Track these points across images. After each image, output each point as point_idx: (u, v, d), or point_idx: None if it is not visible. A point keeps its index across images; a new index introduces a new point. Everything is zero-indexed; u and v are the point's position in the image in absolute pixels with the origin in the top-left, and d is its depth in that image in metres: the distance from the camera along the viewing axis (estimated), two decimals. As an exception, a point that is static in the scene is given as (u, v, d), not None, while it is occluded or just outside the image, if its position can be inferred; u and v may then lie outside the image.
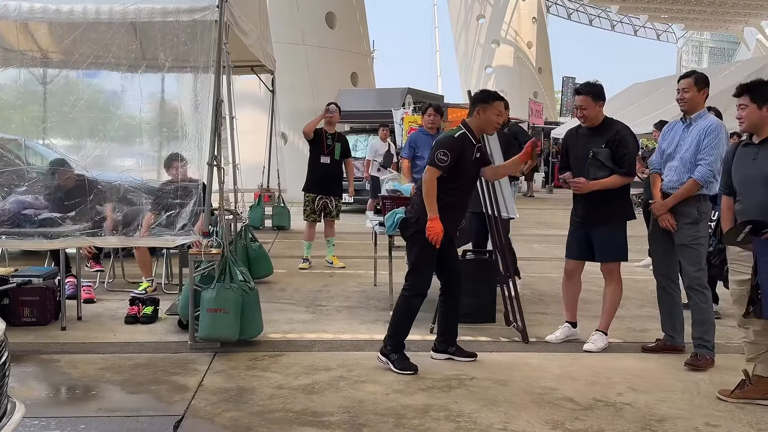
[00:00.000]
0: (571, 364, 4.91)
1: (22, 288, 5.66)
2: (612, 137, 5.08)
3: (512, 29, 44.47)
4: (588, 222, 5.18)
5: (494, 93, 4.91)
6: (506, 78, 42.82)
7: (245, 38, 7.48)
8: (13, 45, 7.25)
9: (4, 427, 2.84)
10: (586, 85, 5.22)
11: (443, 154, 4.64)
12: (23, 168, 5.98)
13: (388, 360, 4.70)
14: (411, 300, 4.78)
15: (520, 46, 44.52)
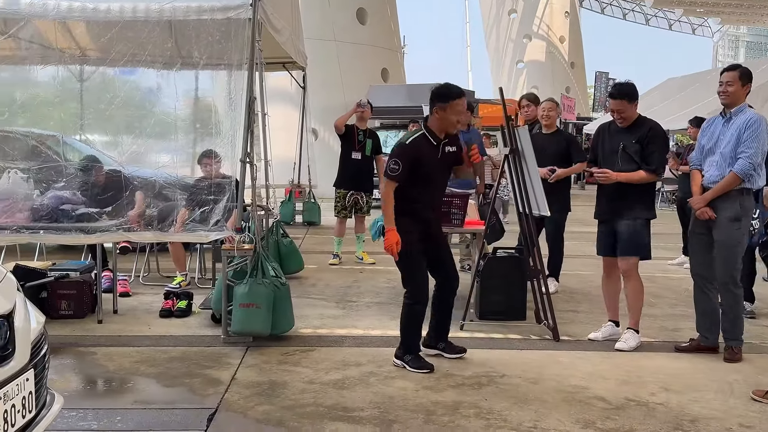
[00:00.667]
0: (602, 362, 4.88)
1: (60, 282, 5.78)
2: (643, 134, 5.06)
3: (544, 24, 44.10)
4: (612, 216, 5.16)
5: (455, 90, 4.61)
6: (538, 73, 42.52)
7: (277, 35, 7.54)
8: (52, 43, 7.39)
9: (44, 418, 2.92)
10: (620, 88, 5.17)
11: (394, 163, 4.53)
12: (61, 164, 6.11)
13: (402, 361, 4.69)
14: (412, 308, 4.71)
15: (552, 41, 44.14)
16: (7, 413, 2.57)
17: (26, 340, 2.82)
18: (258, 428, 3.71)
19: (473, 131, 8.05)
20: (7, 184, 5.67)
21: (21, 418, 2.68)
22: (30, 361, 2.80)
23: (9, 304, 2.77)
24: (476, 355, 5.00)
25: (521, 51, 44.14)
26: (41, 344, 3.02)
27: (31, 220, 5.67)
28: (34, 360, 2.85)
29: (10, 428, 2.59)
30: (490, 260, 5.99)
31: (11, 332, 2.69)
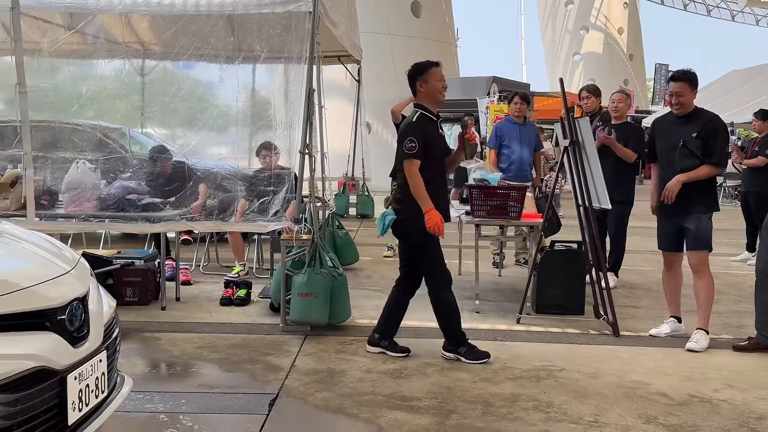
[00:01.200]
0: (664, 358, 4.79)
1: (126, 269, 5.96)
2: (703, 126, 4.94)
3: (602, 15, 43.28)
4: (675, 211, 5.04)
5: (426, 61, 4.70)
6: (595, 65, 41.78)
7: (334, 29, 7.60)
8: (117, 37, 7.61)
9: (115, 399, 3.02)
10: (683, 72, 5.06)
11: (410, 141, 4.49)
12: (127, 155, 6.29)
13: (457, 353, 4.67)
14: (446, 295, 4.69)
15: (610, 32, 43.31)
16: (82, 392, 2.67)
17: (99, 323, 2.92)
18: (318, 414, 3.77)
19: (529, 124, 7.96)
20: (75, 174, 5.86)
21: (94, 398, 2.78)
22: (103, 343, 2.90)
23: (83, 288, 2.87)
24: (534, 349, 4.98)
25: (578, 43, 43.43)
26: (113, 327, 3.13)
27: (98, 209, 5.85)
28: (106, 342, 2.95)
29: (84, 407, 2.69)
30: (547, 253, 5.94)
31: (86, 314, 2.79)
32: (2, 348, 2.38)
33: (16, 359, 2.39)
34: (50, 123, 6.41)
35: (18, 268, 2.73)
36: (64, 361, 2.57)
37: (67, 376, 2.57)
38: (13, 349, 2.41)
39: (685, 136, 4.97)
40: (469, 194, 6.06)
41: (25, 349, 2.45)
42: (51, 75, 7.22)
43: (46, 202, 5.88)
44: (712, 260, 5.33)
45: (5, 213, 5.55)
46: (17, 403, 2.34)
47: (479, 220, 5.96)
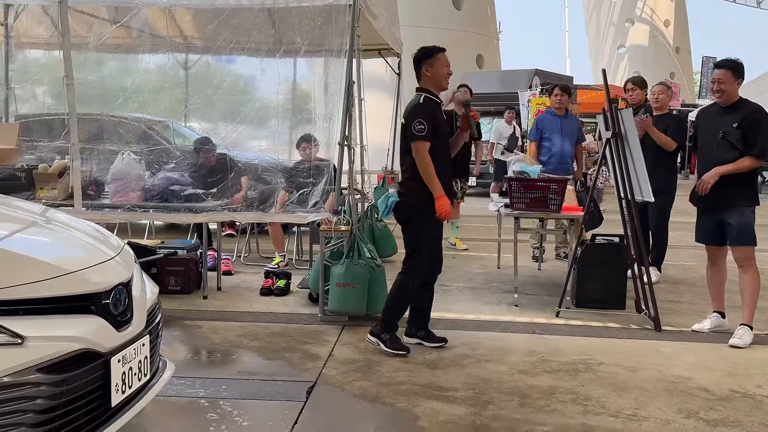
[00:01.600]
0: (706, 354, 4.72)
1: (169, 259, 6.08)
2: (745, 117, 4.83)
3: (648, 7, 42.54)
4: (716, 205, 4.95)
5: (433, 46, 4.67)
6: (640, 58, 41.09)
7: (375, 22, 7.60)
8: (161, 31, 7.76)
9: (157, 383, 3.09)
10: (727, 60, 4.96)
11: (419, 123, 4.43)
12: (171, 147, 6.41)
13: (378, 339, 4.60)
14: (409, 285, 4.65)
15: (656, 25, 42.56)
16: (125, 375, 2.74)
17: (142, 308, 2.99)
18: (355, 402, 3.80)
19: (571, 116, 7.87)
20: (120, 165, 5.99)
21: (137, 381, 2.85)
22: (146, 328, 2.97)
23: (128, 274, 2.95)
24: (573, 342, 4.94)
25: (623, 35, 42.79)
26: (156, 313, 3.20)
27: (142, 200, 5.98)
28: (149, 327, 3.02)
29: (127, 389, 2.76)
30: (588, 247, 5.88)
31: (129, 299, 2.86)
32: (50, 330, 2.46)
33: (63, 341, 2.47)
34: (97, 116, 6.56)
35: (66, 254, 2.82)
36: (108, 344, 2.65)
37: (111, 359, 2.65)
38: (60, 331, 2.49)
39: (726, 126, 4.88)
40: (508, 187, 6.02)
41: (71, 331, 2.53)
42: (97, 68, 7.40)
43: (93, 193, 6.03)
44: (759, 255, 5.22)
45: (53, 202, 5.70)
46: (63, 384, 2.42)
47: (518, 212, 5.92)
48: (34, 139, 7.07)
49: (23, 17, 7.65)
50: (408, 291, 4.67)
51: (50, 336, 2.44)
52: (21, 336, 2.34)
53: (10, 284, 2.42)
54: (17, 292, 2.42)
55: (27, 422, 2.32)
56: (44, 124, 7.31)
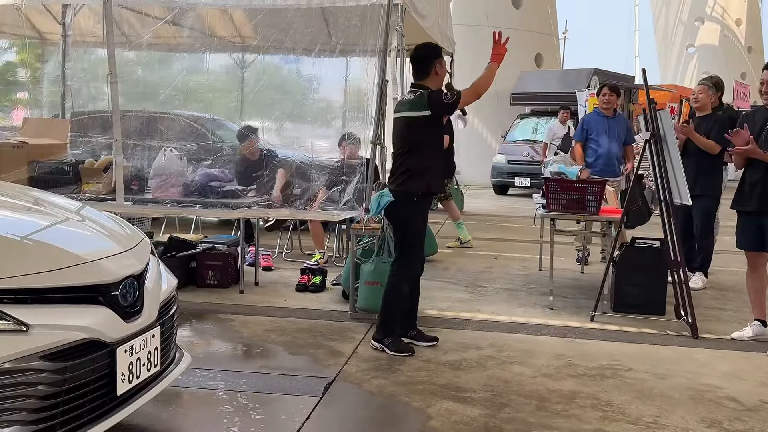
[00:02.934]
0: (742, 363, 4.55)
1: (207, 253, 6.21)
2: None
3: (719, 6, 41.10)
4: (757, 208, 4.76)
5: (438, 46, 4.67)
6: (710, 58, 39.73)
7: (422, 21, 7.59)
8: (217, 31, 7.93)
9: (170, 373, 3.16)
10: None
11: (445, 94, 4.43)
12: (210, 143, 6.54)
13: (381, 344, 4.57)
14: (401, 285, 4.62)
15: (727, 24, 41.07)
16: (133, 365, 2.82)
17: (155, 300, 3.06)
18: (370, 399, 3.81)
19: (619, 117, 7.67)
20: (162, 161, 6.15)
21: (146, 371, 2.92)
22: (157, 320, 3.03)
23: (141, 266, 3.02)
24: (603, 347, 4.83)
25: (692, 35, 41.45)
26: (170, 305, 3.27)
27: (182, 195, 6.12)
28: (162, 318, 3.09)
29: (135, 379, 2.84)
30: (627, 250, 5.75)
31: (140, 291, 2.93)
32: (55, 319, 2.55)
33: (68, 330, 2.54)
34: (140, 112, 6.75)
35: (77, 245, 2.91)
36: (114, 334, 2.72)
37: (117, 349, 2.72)
38: (66, 320, 2.57)
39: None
40: (545, 187, 5.93)
41: (78, 321, 2.61)
42: (149, 66, 7.63)
43: (135, 187, 6.20)
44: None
45: (97, 196, 5.90)
46: (66, 371, 2.50)
47: (554, 214, 5.82)
48: (88, 135, 7.33)
49: (80, 16, 7.96)
50: (401, 293, 4.64)
51: (55, 324, 2.53)
52: (26, 324, 2.43)
53: (17, 273, 2.51)
54: (24, 281, 2.51)
55: (29, 407, 2.41)
56: (98, 120, 7.56)
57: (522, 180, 15.88)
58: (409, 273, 4.64)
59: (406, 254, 4.63)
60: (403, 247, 4.65)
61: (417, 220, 4.62)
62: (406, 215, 4.61)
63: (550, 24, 22.70)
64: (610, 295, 5.74)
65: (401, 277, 4.63)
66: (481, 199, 15.37)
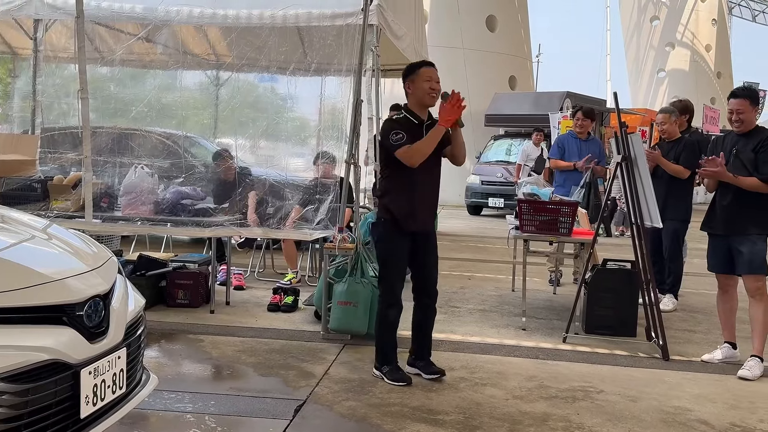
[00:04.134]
0: (712, 385, 4.57)
1: (178, 272, 6.12)
2: (760, 141, 4.72)
3: (689, 31, 41.95)
4: (727, 231, 4.82)
5: (421, 61, 4.48)
6: (680, 82, 40.46)
7: (398, 42, 7.63)
8: (191, 48, 7.90)
9: (136, 396, 3.09)
10: (743, 89, 4.89)
11: (395, 134, 4.22)
12: (182, 161, 6.48)
13: (381, 372, 4.45)
14: (384, 312, 4.47)
15: (697, 49, 41.92)
16: (97, 387, 2.74)
17: (121, 321, 2.99)
18: (341, 422, 3.76)
19: (593, 140, 7.76)
20: (133, 178, 6.08)
21: (111, 393, 2.84)
22: (123, 341, 2.97)
23: (107, 285, 2.95)
24: (575, 369, 4.83)
25: (663, 59, 42.23)
26: (137, 326, 3.20)
27: (153, 213, 6.05)
28: (128, 340, 3.02)
29: (99, 402, 2.76)
30: (599, 271, 5.77)
31: (106, 311, 2.86)
32: (17, 339, 2.47)
33: (30, 351, 2.47)
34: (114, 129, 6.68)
35: (41, 264, 2.83)
36: (79, 355, 2.65)
37: (81, 371, 2.65)
38: (27, 341, 2.50)
39: (741, 147, 4.78)
40: (518, 209, 5.95)
41: (41, 341, 2.53)
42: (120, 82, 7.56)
43: (105, 205, 6.11)
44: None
45: (65, 213, 5.80)
46: (27, 394, 2.42)
47: (527, 235, 5.84)
48: (58, 151, 7.23)
49: (52, 31, 7.87)
50: (386, 319, 4.48)
51: (17, 345, 2.45)
52: (-16, 344, 2.36)
53: (-23, 293, 2.44)
54: (-16, 301, 2.44)
55: (-13, 430, 2.33)
56: (69, 136, 7.46)
57: (496, 201, 16.00)
58: (388, 297, 4.47)
59: (386, 278, 4.48)
60: (381, 270, 4.54)
61: (386, 243, 4.45)
62: (380, 237, 4.51)
63: (524, 47, 22.99)
64: (582, 316, 5.76)
65: (382, 304, 4.50)
66: (455, 219, 15.42)
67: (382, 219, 4.44)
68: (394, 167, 4.37)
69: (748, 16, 52.15)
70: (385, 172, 4.48)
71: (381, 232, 4.47)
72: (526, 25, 22.98)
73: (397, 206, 4.36)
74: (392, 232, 4.39)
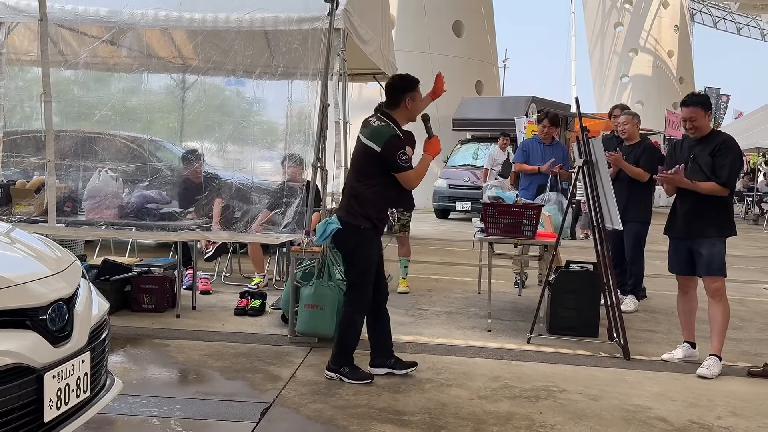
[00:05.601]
0: (671, 384, 4.68)
1: (143, 276, 6.09)
2: (717, 146, 4.85)
3: (652, 37, 42.69)
4: (688, 234, 4.94)
5: (414, 78, 4.51)
6: (643, 87, 41.19)
7: (365, 46, 7.67)
8: (157, 52, 7.84)
9: (100, 400, 3.08)
10: (693, 96, 5.02)
11: (403, 154, 4.36)
12: (147, 165, 6.44)
13: (339, 374, 4.47)
14: (354, 316, 4.52)
15: (660, 55, 42.66)
16: (61, 391, 2.73)
17: (85, 325, 2.98)
18: (307, 424, 3.78)
19: (557, 145, 7.87)
20: (97, 182, 6.02)
21: (75, 397, 2.83)
22: (88, 345, 2.96)
23: (71, 289, 2.94)
24: (539, 369, 4.91)
25: (626, 65, 42.91)
26: (101, 330, 3.19)
27: (117, 217, 6.00)
28: (92, 343, 3.01)
29: (63, 405, 2.75)
30: (562, 273, 5.87)
31: (70, 315, 2.86)
32: (-22, 343, 2.46)
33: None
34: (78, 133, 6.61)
35: (2, 268, 2.81)
36: (42, 359, 2.64)
37: (45, 375, 2.64)
38: (-10, 345, 2.49)
39: (698, 152, 4.91)
40: (483, 212, 6.02)
41: (4, 345, 2.52)
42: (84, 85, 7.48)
43: (69, 209, 6.05)
44: (743, 287, 5.21)
45: (28, 217, 5.73)
46: (-10, 398, 2.42)
47: (492, 237, 5.92)
48: (20, 155, 7.13)
49: (14, 34, 7.76)
50: (355, 323, 4.52)
51: (-22, 350, 2.44)
52: (-55, 349, 2.34)
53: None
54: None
55: (-52, 436, 2.32)
56: (32, 140, 7.36)
57: (463, 204, 16.13)
58: (360, 302, 4.50)
59: (358, 283, 4.50)
60: (352, 275, 4.53)
61: (366, 249, 4.47)
62: (353, 244, 4.48)
63: (490, 52, 23.20)
64: (546, 317, 5.85)
65: (353, 307, 4.51)
66: (423, 223, 15.49)
67: (361, 227, 4.44)
68: (383, 180, 4.42)
69: (709, 23, 53.23)
70: (372, 182, 4.43)
71: (363, 237, 4.46)
72: (492, 31, 23.20)
73: (377, 215, 4.46)
74: (372, 239, 4.47)
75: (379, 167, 4.42)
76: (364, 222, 4.42)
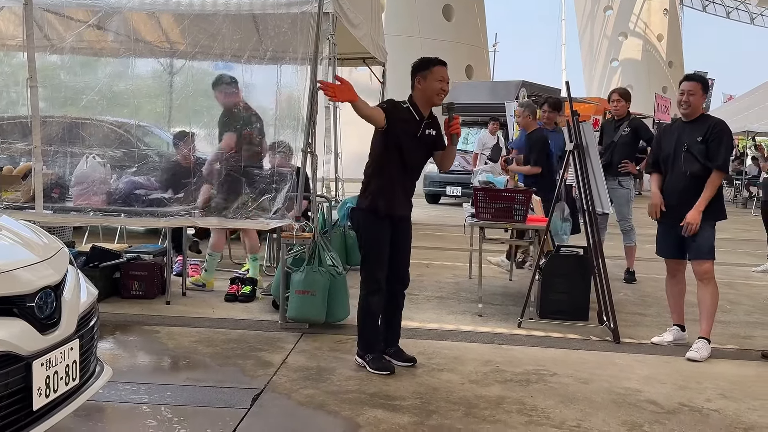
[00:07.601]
0: (661, 366, 4.71)
1: (132, 263, 6.05)
2: (708, 130, 4.85)
3: (641, 21, 42.71)
4: (678, 218, 4.95)
5: (434, 58, 4.42)
6: (633, 71, 41.23)
7: (354, 30, 7.61)
8: (144, 36, 7.75)
9: (90, 387, 3.06)
10: (697, 74, 5.06)
11: (384, 103, 4.41)
12: (134, 150, 6.38)
13: (363, 360, 4.46)
14: (366, 299, 4.45)
15: (649, 39, 42.70)
16: (50, 379, 2.72)
17: (74, 312, 2.96)
18: (299, 410, 3.77)
19: (558, 131, 7.82)
20: (84, 168, 5.97)
21: (64, 385, 2.82)
22: (76, 332, 2.94)
23: (58, 276, 2.92)
24: (529, 353, 4.93)
25: (616, 49, 42.93)
26: (90, 317, 3.17)
27: (105, 204, 5.94)
28: (80, 331, 2.99)
29: (52, 393, 2.74)
30: (552, 257, 5.87)
31: (58, 303, 2.83)
32: (-35, 332, 2.44)
33: (-21, 343, 2.44)
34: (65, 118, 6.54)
35: (-11, 255, 2.79)
36: (30, 347, 2.63)
37: (33, 362, 2.62)
38: (-23, 333, 2.47)
39: (690, 140, 4.90)
40: (474, 197, 6.01)
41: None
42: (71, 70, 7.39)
43: (56, 195, 5.99)
44: (732, 270, 5.23)
45: (15, 204, 5.68)
46: (-23, 386, 2.40)
47: (483, 222, 5.92)
48: (7, 141, 7.06)
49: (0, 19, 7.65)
50: (368, 305, 4.45)
51: (-35, 338, 2.42)
52: (-68, 337, 2.32)
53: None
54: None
55: (-64, 424, 2.30)
56: (18, 126, 7.28)
57: (453, 189, 16.12)
58: (366, 282, 4.44)
59: (364, 264, 4.48)
60: (363, 256, 4.50)
61: (370, 231, 4.43)
62: (360, 225, 4.49)
63: (480, 36, 23.13)
64: (536, 301, 5.86)
65: (362, 288, 4.47)
66: (413, 208, 15.45)
67: (365, 207, 4.43)
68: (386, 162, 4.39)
69: (698, 6, 53.25)
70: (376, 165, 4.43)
71: (365, 218, 4.45)
72: (482, 15, 23.12)
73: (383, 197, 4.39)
74: (375, 218, 4.41)
75: (380, 145, 4.40)
76: (369, 203, 4.41)
